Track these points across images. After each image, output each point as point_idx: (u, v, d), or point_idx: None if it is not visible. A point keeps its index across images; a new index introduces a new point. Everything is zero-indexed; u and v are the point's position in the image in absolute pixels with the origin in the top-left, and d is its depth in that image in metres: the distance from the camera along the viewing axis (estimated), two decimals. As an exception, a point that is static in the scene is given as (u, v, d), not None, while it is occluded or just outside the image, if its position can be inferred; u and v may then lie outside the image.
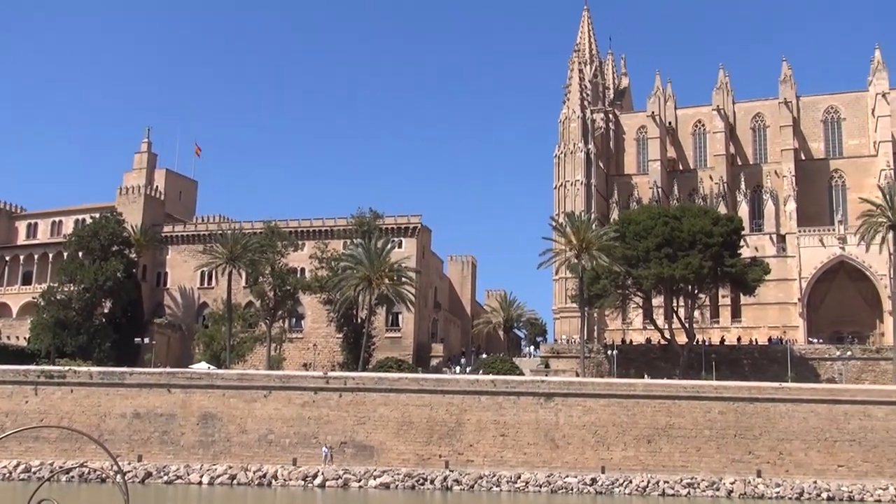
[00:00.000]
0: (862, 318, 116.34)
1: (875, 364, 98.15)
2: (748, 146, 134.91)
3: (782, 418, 76.87)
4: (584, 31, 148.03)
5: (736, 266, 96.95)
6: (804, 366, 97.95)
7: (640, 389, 79.83)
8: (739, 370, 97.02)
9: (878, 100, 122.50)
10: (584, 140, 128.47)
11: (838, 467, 74.58)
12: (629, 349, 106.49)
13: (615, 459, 76.51)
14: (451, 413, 79.74)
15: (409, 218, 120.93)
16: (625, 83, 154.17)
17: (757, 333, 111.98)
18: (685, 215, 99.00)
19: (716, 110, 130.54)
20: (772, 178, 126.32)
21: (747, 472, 74.49)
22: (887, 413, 76.03)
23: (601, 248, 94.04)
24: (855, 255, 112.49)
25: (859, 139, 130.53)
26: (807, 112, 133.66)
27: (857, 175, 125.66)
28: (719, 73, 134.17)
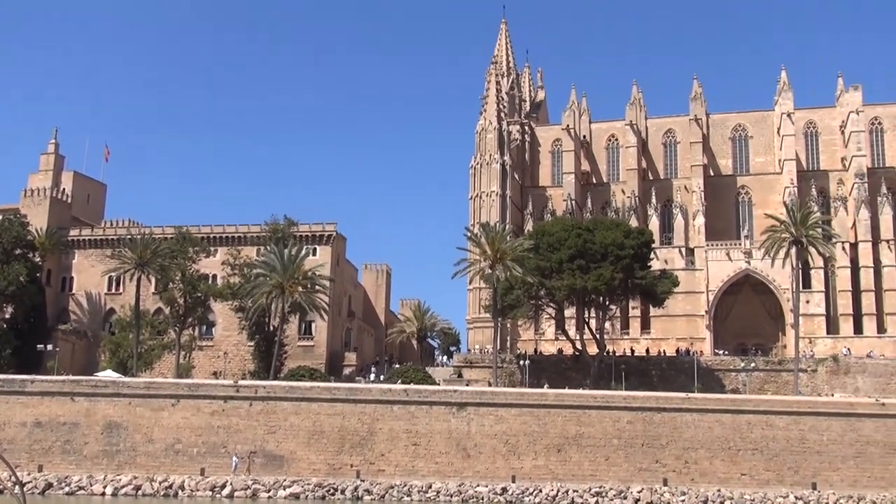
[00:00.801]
0: (765, 331, 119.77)
1: (777, 375, 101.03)
2: (659, 161, 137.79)
3: (689, 428, 78.47)
4: (502, 43, 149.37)
5: (646, 278, 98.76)
6: (710, 377, 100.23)
7: (551, 399, 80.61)
8: (648, 381, 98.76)
9: (784, 119, 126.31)
10: (500, 151, 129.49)
11: (741, 475, 76.43)
12: (541, 359, 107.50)
13: (526, 468, 77.05)
14: (364, 422, 79.34)
15: (324, 226, 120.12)
16: (541, 96, 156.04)
17: (665, 345, 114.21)
18: (598, 228, 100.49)
19: (629, 125, 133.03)
20: (682, 193, 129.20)
21: (654, 481, 75.78)
22: (788, 423, 78.25)
23: (515, 258, 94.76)
24: (760, 270, 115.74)
25: (765, 157, 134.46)
26: (716, 129, 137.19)
27: (763, 192, 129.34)
28: (633, 89, 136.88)
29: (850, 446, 77.25)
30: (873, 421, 78.36)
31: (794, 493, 74.22)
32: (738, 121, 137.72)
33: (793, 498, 73.05)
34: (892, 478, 75.90)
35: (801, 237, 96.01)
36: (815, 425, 78.21)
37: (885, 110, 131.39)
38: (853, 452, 77.01)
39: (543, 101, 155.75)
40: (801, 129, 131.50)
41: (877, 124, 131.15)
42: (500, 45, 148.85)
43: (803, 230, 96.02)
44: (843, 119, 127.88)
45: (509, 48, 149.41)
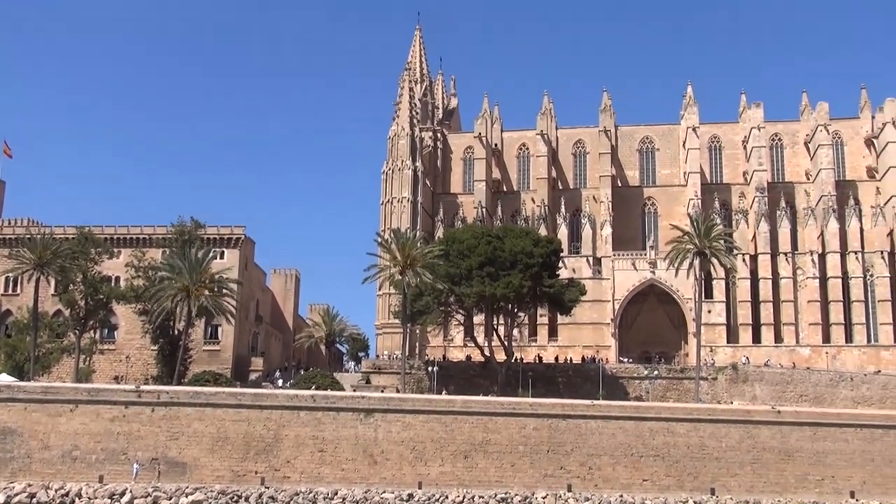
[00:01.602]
0: (669, 339, 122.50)
1: (679, 383, 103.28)
2: (569, 171, 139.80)
3: (593, 434, 79.55)
4: (416, 50, 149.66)
5: (554, 286, 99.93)
6: (615, 384, 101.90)
7: (458, 406, 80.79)
8: (555, 388, 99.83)
9: (689, 133, 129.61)
10: (412, 158, 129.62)
11: (643, 481, 77.79)
12: (450, 366, 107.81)
13: (432, 475, 77.06)
14: (269, 428, 78.27)
15: (233, 229, 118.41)
16: (454, 103, 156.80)
17: (572, 352, 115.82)
18: (508, 236, 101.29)
19: (540, 135, 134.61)
20: (590, 203, 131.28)
21: (558, 487, 76.58)
22: (689, 430, 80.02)
23: (425, 265, 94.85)
24: (664, 280, 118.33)
25: (671, 169, 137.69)
26: (624, 141, 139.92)
27: (669, 203, 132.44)
28: (544, 100, 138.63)
29: (748, 452, 79.36)
30: (769, 428, 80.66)
31: (694, 498, 75.92)
32: (646, 133, 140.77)
33: (692, 503, 74.73)
34: (786, 483, 78.27)
35: (705, 248, 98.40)
36: (714, 432, 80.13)
37: (786, 127, 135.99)
38: (750, 458, 79.13)
39: (456, 109, 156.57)
40: (705, 144, 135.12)
41: (777, 140, 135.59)
42: (414, 52, 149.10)
43: (706, 242, 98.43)
44: (746, 135, 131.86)
45: (423, 55, 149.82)
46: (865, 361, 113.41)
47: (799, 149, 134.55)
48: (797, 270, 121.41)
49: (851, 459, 79.59)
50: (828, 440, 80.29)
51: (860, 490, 77.99)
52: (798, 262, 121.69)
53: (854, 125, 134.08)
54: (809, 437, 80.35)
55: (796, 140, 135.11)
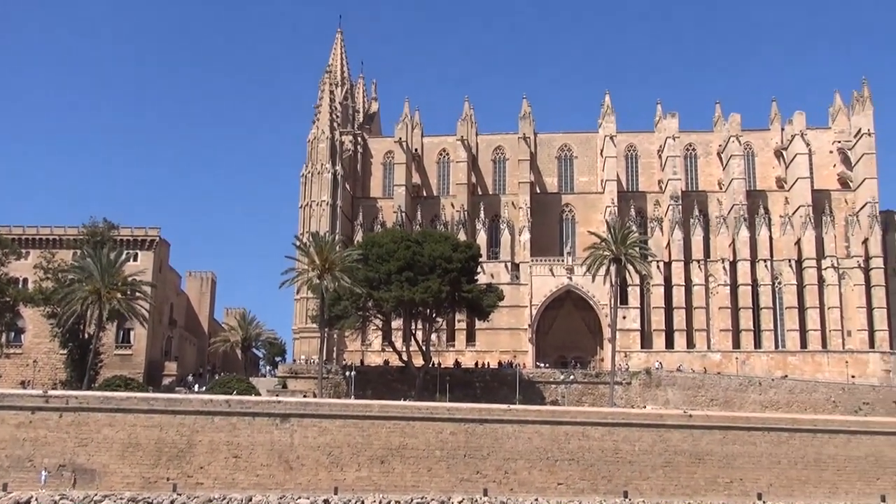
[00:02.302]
0: (585, 345, 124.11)
1: (594, 388, 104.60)
2: (489, 177, 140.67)
3: (509, 439, 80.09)
4: (337, 53, 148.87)
5: (473, 292, 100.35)
6: (531, 389, 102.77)
7: (376, 410, 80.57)
8: (472, 393, 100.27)
9: (607, 142, 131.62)
10: (331, 161, 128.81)
11: (558, 485, 78.61)
12: (367, 371, 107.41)
13: (349, 480, 76.65)
14: (182, 434, 76.95)
15: (147, 230, 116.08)
16: (375, 108, 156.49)
17: (490, 357, 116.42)
18: (427, 240, 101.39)
19: (460, 141, 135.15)
20: (509, 209, 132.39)
21: (475, 491, 76.91)
22: (603, 434, 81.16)
23: (344, 269, 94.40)
24: (581, 286, 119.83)
25: (589, 177, 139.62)
26: (543, 148, 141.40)
27: (586, 210, 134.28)
28: (465, 106, 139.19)
29: (660, 456, 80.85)
30: (681, 432, 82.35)
31: (607, 501, 77.06)
32: (565, 141, 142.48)
33: (605, 506, 75.86)
34: (696, 486, 79.95)
35: (621, 255, 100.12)
36: (627, 436, 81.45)
37: (700, 137, 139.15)
38: (662, 462, 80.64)
39: (377, 113, 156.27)
40: (622, 152, 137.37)
41: (691, 150, 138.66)
42: (335, 55, 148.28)
43: (623, 248, 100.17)
44: (661, 144, 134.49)
45: (344, 58, 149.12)
46: (773, 366, 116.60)
47: (712, 158, 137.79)
48: (709, 277, 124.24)
49: (759, 462, 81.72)
50: (737, 443, 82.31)
51: (767, 492, 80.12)
52: (710, 269, 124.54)
53: (765, 136, 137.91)
54: (719, 441, 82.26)
55: (710, 150, 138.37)
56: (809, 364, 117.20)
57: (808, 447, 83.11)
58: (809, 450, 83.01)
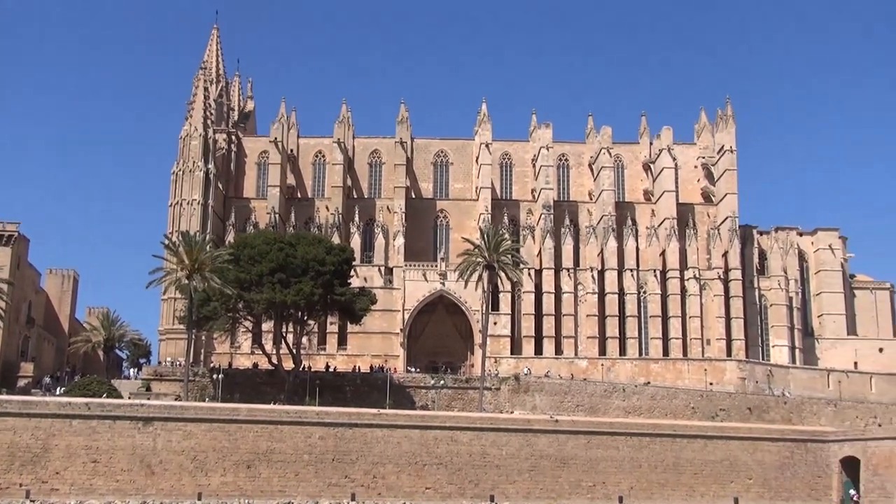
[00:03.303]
0: (456, 350, 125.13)
1: (464, 393, 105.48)
2: (364, 180, 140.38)
3: (378, 443, 79.99)
4: (213, 49, 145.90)
5: (345, 295, 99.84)
6: (402, 393, 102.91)
7: (243, 414, 79.20)
8: (342, 397, 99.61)
9: (482, 149, 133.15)
10: (204, 159, 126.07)
11: (426, 489, 78.94)
12: (236, 373, 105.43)
13: (213, 485, 75.08)
14: (38, 438, 73.91)
15: (5, 225, 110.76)
16: (250, 106, 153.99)
17: (361, 361, 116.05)
18: (300, 243, 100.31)
19: (336, 143, 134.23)
20: (384, 213, 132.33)
21: (342, 496, 76.52)
22: (471, 438, 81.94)
23: (214, 269, 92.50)
24: (453, 291, 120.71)
25: (464, 183, 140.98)
26: (420, 153, 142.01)
27: (460, 216, 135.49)
28: (342, 108, 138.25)
29: (526, 460, 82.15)
30: (547, 436, 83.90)
31: (474, 504, 77.83)
32: (441, 147, 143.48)
33: (472, 510, 76.54)
34: (561, 489, 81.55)
35: (493, 262, 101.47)
36: (495, 440, 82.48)
37: (572, 148, 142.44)
38: (528, 466, 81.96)
39: (252, 112, 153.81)
40: (497, 160, 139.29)
41: (564, 160, 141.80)
42: (210, 51, 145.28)
43: (495, 255, 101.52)
44: (535, 153, 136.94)
45: (220, 55, 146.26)
46: (637, 373, 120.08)
47: (584, 169, 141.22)
48: (578, 286, 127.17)
49: (621, 466, 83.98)
50: (600, 448, 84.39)
51: (628, 495, 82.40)
52: (579, 277, 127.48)
53: (634, 150, 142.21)
54: (584, 445, 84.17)
55: (581, 161, 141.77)
56: (671, 371, 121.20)
57: (667, 451, 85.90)
58: (669, 454, 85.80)
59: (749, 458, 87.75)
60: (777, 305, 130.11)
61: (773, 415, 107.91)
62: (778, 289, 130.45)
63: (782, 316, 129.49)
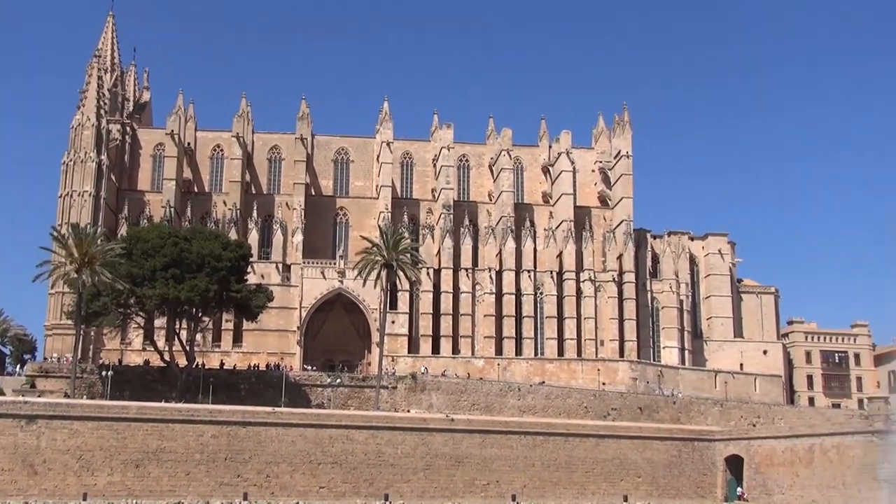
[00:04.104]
0: (353, 348, 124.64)
1: (361, 391, 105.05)
2: (263, 176, 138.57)
3: (273, 442, 79.12)
4: (108, 37, 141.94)
5: (242, 292, 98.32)
6: (298, 391, 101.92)
7: (133, 412, 77.37)
8: (237, 395, 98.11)
9: (383, 148, 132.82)
10: (97, 150, 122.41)
11: (320, 488, 78.51)
12: (126, 370, 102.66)
13: (100, 485, 73.18)
14: (-89, 436, 70.73)
15: None
16: (146, 97, 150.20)
17: (257, 359, 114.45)
18: (196, 238, 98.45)
19: (235, 137, 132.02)
20: (283, 210, 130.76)
21: (234, 495, 75.49)
22: (367, 437, 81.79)
23: (105, 263, 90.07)
24: (352, 289, 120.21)
25: (364, 181, 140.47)
26: (320, 150, 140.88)
27: (360, 214, 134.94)
28: (242, 102, 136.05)
29: (421, 459, 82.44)
30: (442, 435, 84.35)
31: (368, 503, 77.61)
32: (342, 144, 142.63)
33: (366, 508, 76.39)
34: (455, 488, 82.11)
35: (392, 261, 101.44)
36: (391, 439, 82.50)
37: (473, 149, 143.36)
38: (423, 465, 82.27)
39: (148, 103, 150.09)
40: (398, 159, 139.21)
41: (464, 161, 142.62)
42: (105, 39, 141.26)
43: (394, 254, 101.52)
44: (436, 153, 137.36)
45: (115, 44, 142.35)
46: (532, 373, 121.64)
47: (484, 170, 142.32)
48: (476, 286, 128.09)
49: (515, 464, 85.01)
50: (495, 447, 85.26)
51: (521, 493, 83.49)
52: (478, 277, 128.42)
53: (533, 152, 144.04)
54: (479, 444, 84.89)
55: (482, 162, 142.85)
56: (565, 371, 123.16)
57: (560, 450, 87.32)
58: (562, 453, 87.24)
59: (639, 456, 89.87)
60: (668, 308, 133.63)
61: (662, 414, 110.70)
62: (669, 292, 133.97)
63: (673, 318, 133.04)
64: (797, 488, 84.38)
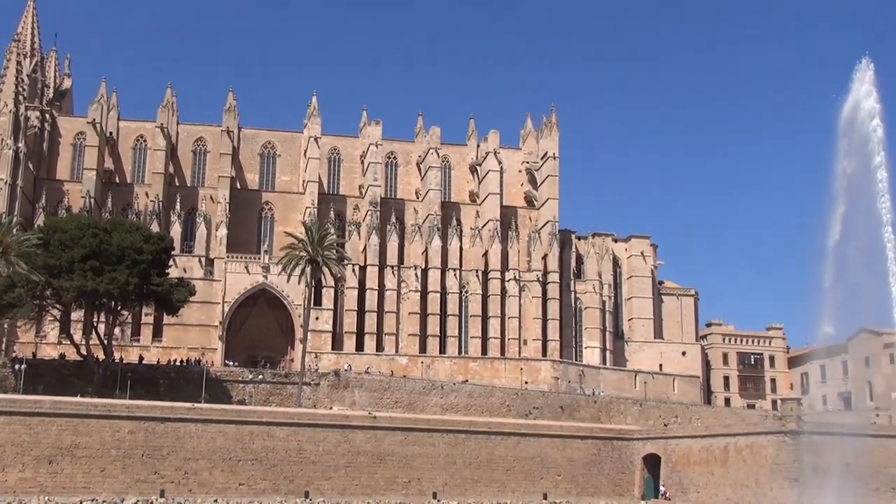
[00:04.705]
0: (276, 344, 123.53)
1: (283, 388, 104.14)
2: (188, 168, 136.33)
3: (191, 438, 77.96)
4: (28, 21, 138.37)
5: (163, 285, 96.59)
6: (219, 387, 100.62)
7: (46, 407, 75.43)
8: (156, 390, 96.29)
9: (311, 143, 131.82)
10: (14, 137, 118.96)
11: (239, 485, 77.55)
12: (40, 364, 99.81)
13: (10, 482, 71.22)
14: None
15: None
16: (67, 84, 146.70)
17: (177, 353, 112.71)
18: (116, 229, 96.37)
19: (159, 128, 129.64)
20: (207, 203, 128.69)
21: (151, 493, 74.16)
22: (288, 434, 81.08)
23: (20, 254, 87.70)
24: (276, 285, 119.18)
25: (291, 176, 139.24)
26: (246, 143, 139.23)
27: (286, 209, 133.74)
28: (167, 92, 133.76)
29: (343, 456, 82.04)
30: (365, 432, 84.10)
31: (288, 501, 77.09)
32: (269, 138, 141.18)
33: (286, 506, 75.74)
34: (376, 485, 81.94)
35: (317, 257, 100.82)
36: (312, 436, 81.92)
37: (401, 146, 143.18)
38: (345, 462, 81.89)
39: (70, 91, 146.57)
40: (325, 154, 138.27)
41: (392, 158, 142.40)
42: (25, 23, 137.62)
43: (319, 250, 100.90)
44: (364, 150, 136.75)
45: (36, 28, 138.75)
46: (456, 371, 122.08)
47: (412, 168, 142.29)
48: (402, 283, 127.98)
49: (436, 462, 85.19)
50: (417, 444, 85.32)
51: (442, 491, 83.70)
52: (403, 275, 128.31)
53: (462, 151, 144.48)
54: (401, 442, 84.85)
55: (410, 160, 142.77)
56: (489, 370, 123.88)
57: (482, 448, 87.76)
58: (483, 451, 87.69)
59: (559, 455, 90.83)
60: (591, 308, 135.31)
61: (583, 413, 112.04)
62: (593, 292, 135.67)
63: (596, 318, 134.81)
64: (712, 487, 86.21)
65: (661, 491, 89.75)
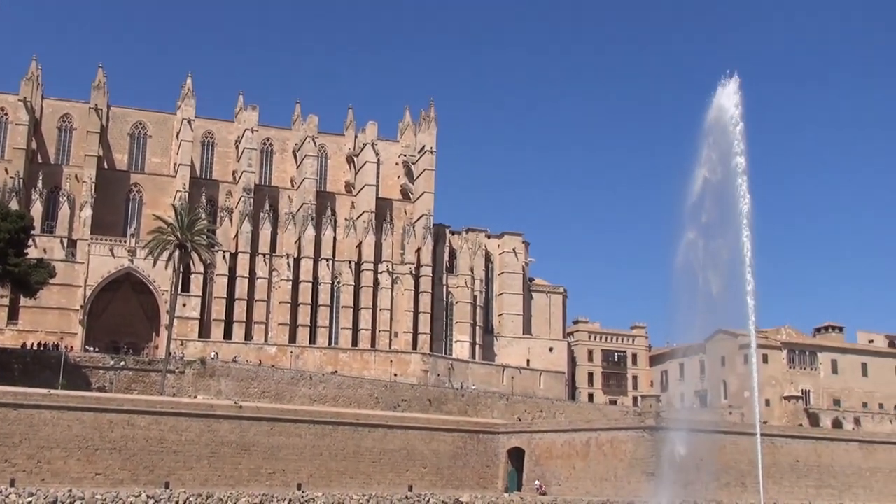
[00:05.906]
0: (140, 331, 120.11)
1: (146, 375, 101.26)
2: (52, 145, 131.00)
3: (46, 426, 74.84)
4: None
5: (20, 266, 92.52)
6: (78, 374, 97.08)
7: None
8: (9, 375, 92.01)
9: (184, 125, 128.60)
10: None
11: (96, 475, 74.85)
12: None
13: None
14: None
15: None
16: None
17: (34, 337, 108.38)
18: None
19: (22, 101, 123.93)
20: (72, 182, 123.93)
21: (0, 482, 70.80)
22: (149, 423, 78.68)
23: None
24: (142, 269, 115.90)
25: (162, 158, 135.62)
26: (116, 122, 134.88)
27: (156, 192, 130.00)
28: (32, 65, 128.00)
29: (206, 446, 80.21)
30: (230, 422, 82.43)
31: (147, 491, 74.60)
32: (140, 118, 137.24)
33: (144, 497, 73.12)
34: (240, 476, 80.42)
35: (186, 242, 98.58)
36: (175, 425, 79.78)
37: (278, 133, 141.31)
38: (208, 452, 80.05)
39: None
40: (199, 138, 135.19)
41: (268, 145, 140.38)
42: None
43: (189, 235, 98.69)
44: (239, 135, 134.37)
45: None
46: (325, 362, 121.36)
47: (287, 156, 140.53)
48: (273, 272, 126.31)
49: (302, 453, 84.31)
50: (283, 435, 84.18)
51: (307, 482, 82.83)
52: (275, 263, 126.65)
53: (339, 141, 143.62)
54: (267, 432, 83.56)
55: (286, 147, 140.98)
56: (358, 361, 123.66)
57: (349, 440, 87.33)
58: (350, 442, 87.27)
59: (425, 447, 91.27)
60: (462, 303, 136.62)
61: (451, 406, 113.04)
62: (464, 287, 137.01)
63: (466, 313, 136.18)
64: (573, 480, 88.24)
65: (537, 485, 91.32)
